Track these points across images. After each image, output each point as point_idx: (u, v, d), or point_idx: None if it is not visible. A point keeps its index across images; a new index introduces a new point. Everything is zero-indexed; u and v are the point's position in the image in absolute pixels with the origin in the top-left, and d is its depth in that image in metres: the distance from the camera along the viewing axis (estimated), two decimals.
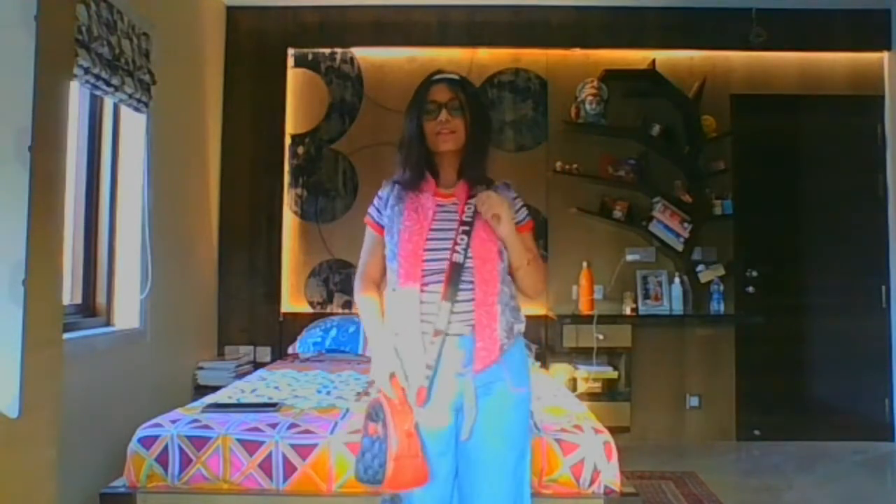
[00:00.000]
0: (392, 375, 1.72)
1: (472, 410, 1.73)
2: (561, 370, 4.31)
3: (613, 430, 2.52)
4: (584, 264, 4.44)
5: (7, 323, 1.50)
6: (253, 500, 2.31)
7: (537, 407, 2.64)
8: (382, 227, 1.87)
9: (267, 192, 4.59)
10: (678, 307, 4.41)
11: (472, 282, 1.75)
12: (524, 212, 1.91)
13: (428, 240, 1.76)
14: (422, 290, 1.74)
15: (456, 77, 1.88)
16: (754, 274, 4.55)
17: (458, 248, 1.74)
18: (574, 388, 4.16)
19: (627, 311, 4.41)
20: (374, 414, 1.70)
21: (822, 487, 3.59)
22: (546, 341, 4.46)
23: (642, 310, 4.44)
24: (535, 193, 4.53)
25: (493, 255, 1.77)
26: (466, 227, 1.76)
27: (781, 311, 4.50)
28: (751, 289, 4.55)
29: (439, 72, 1.91)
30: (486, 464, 1.77)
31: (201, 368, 4.09)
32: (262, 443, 2.33)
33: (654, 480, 3.63)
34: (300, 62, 4.67)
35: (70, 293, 3.08)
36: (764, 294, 4.53)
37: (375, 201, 1.92)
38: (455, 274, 1.72)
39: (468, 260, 1.74)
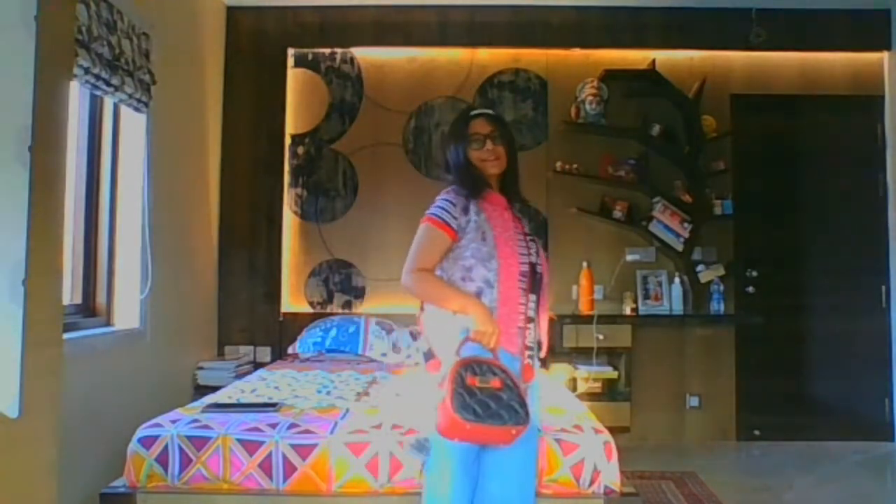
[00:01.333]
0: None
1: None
2: (561, 370, 4.31)
3: (613, 430, 2.52)
4: (584, 264, 4.44)
5: (7, 323, 1.50)
6: (253, 500, 2.31)
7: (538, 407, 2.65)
8: (454, 230, 2.04)
9: (267, 192, 4.59)
10: (678, 307, 4.41)
11: (540, 278, 2.09)
12: None
13: (519, 244, 2.06)
14: (520, 286, 2.02)
15: (491, 112, 2.19)
16: (754, 274, 4.55)
17: (531, 251, 2.08)
18: (574, 388, 4.16)
19: (627, 311, 4.41)
20: (490, 371, 1.88)
21: (822, 487, 3.59)
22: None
23: (642, 310, 4.44)
24: (535, 193, 4.52)
25: (545, 262, 2.15)
26: (531, 236, 2.13)
27: (781, 311, 4.50)
28: (751, 289, 4.55)
29: (473, 107, 2.31)
30: (536, 433, 2.10)
31: (201, 368, 4.09)
32: (262, 443, 2.33)
33: (654, 480, 3.63)
34: (300, 62, 4.67)
35: (70, 293, 3.08)
36: (764, 294, 4.53)
37: (446, 206, 2.05)
38: (534, 272, 2.06)
39: (538, 263, 2.09)
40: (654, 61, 4.44)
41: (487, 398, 1.82)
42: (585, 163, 4.52)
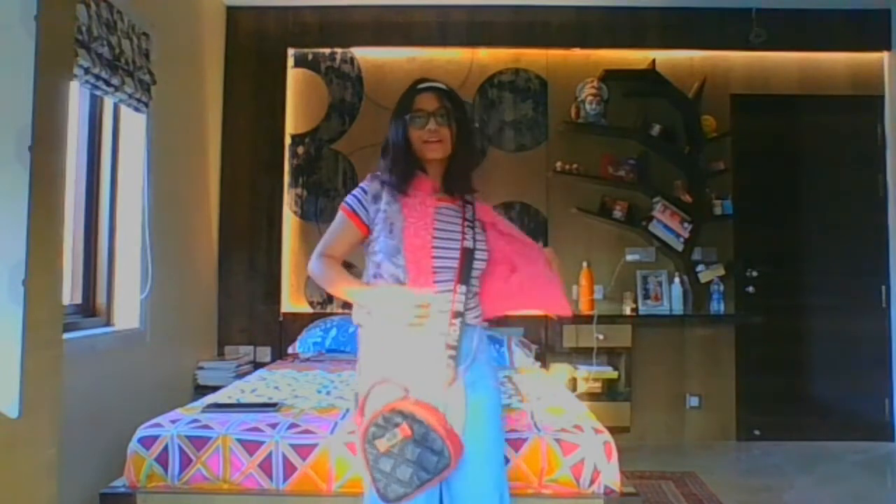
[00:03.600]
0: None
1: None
2: (561, 370, 4.31)
3: (613, 430, 2.51)
4: (584, 264, 4.44)
5: (7, 323, 1.50)
6: (253, 500, 2.31)
7: (538, 407, 2.65)
8: (363, 222, 1.89)
9: (267, 192, 4.59)
10: (678, 307, 4.41)
11: (480, 269, 1.88)
12: None
13: (434, 237, 1.82)
14: (435, 283, 1.80)
15: (443, 86, 1.92)
16: (754, 274, 4.55)
17: (466, 237, 1.84)
18: (574, 388, 4.17)
19: (627, 311, 4.41)
20: (391, 422, 1.65)
21: (822, 487, 3.59)
22: (546, 341, 4.46)
23: (642, 310, 4.44)
24: (535, 193, 4.54)
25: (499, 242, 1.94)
26: (470, 223, 1.88)
27: (781, 311, 4.50)
28: (751, 289, 4.55)
29: (424, 79, 1.94)
30: (495, 431, 1.91)
31: (201, 368, 4.09)
32: (262, 443, 2.32)
33: (654, 480, 3.63)
34: (300, 62, 4.67)
35: (70, 293, 3.08)
36: (764, 294, 4.53)
37: (359, 194, 1.92)
38: (468, 260, 1.83)
39: (478, 248, 1.86)
40: (654, 61, 4.44)
41: (405, 453, 1.62)
42: (585, 163, 4.51)
